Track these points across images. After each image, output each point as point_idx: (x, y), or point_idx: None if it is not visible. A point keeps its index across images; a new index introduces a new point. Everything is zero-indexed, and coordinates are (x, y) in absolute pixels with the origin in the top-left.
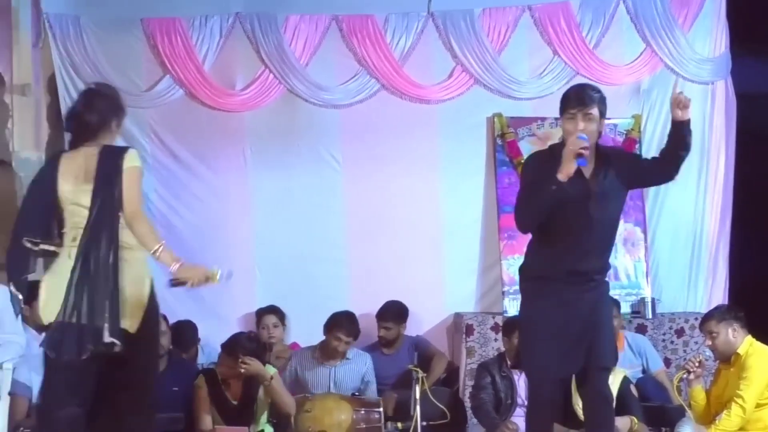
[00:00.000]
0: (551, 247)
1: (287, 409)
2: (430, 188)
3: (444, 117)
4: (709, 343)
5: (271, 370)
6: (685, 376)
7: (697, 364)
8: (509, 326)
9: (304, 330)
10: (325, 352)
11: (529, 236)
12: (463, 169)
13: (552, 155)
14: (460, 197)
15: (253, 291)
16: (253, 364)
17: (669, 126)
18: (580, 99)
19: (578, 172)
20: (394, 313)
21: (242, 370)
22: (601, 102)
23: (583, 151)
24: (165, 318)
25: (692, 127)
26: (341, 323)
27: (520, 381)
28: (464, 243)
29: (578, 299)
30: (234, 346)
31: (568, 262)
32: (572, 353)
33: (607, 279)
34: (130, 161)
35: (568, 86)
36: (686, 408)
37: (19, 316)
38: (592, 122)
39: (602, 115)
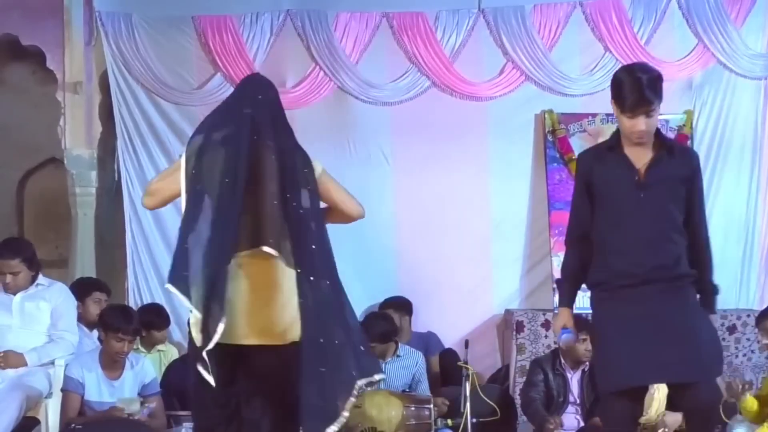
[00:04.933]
0: (604, 248)
1: None
2: (481, 185)
3: (494, 114)
4: (766, 342)
5: None
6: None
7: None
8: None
9: None
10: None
11: None
12: (512, 165)
13: (602, 153)
14: (510, 194)
15: None
16: None
17: (721, 122)
18: (643, 98)
19: (626, 161)
20: (395, 302)
21: None
22: (661, 88)
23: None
24: None
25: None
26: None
27: (574, 379)
28: (513, 240)
29: (647, 301)
30: None
31: (625, 261)
32: (649, 360)
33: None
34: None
35: None
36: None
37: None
38: (653, 117)
39: (661, 99)
